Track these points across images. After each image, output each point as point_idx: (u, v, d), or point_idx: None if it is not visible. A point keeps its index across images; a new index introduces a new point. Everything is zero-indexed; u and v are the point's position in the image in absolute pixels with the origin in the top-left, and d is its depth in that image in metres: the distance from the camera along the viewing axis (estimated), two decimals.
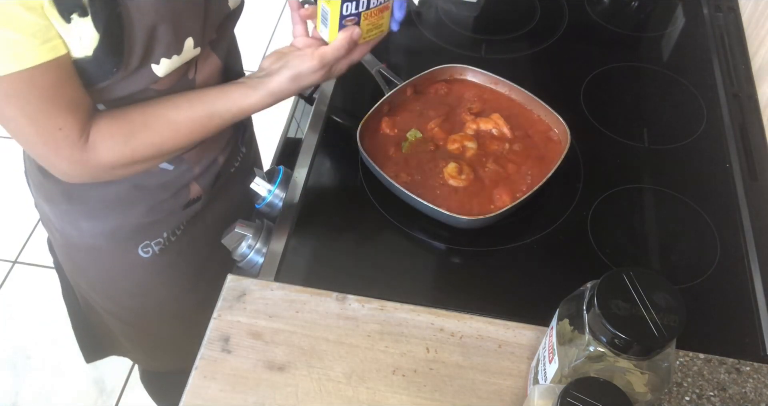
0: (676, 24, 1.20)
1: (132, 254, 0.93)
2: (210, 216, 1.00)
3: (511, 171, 0.91)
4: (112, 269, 0.98)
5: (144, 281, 1.00)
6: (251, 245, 0.88)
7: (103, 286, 1.03)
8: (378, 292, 0.81)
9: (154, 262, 0.96)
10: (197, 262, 1.02)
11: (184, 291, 1.04)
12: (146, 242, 0.93)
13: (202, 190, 0.94)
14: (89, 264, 0.98)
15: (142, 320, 1.10)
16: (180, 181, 0.90)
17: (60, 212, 0.90)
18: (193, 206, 0.94)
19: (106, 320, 1.14)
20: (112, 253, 0.94)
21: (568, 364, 0.60)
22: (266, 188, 0.93)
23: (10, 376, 1.76)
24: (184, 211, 0.94)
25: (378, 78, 1.01)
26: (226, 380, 0.74)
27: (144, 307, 1.06)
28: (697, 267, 0.86)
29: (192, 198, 0.93)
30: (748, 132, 1.01)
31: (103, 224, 0.90)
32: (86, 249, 0.95)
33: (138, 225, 0.91)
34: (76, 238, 0.93)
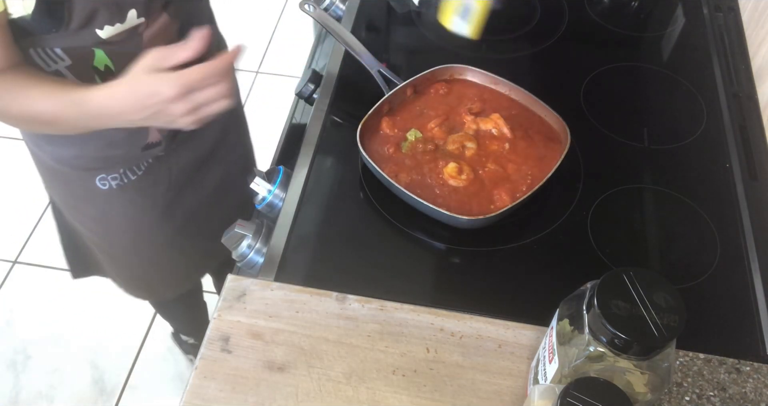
0: (676, 24, 1.20)
1: (90, 183, 0.98)
2: (176, 163, 1.04)
3: (511, 171, 0.91)
4: (75, 194, 1.03)
5: (105, 210, 1.04)
6: (251, 245, 0.88)
7: (71, 209, 1.09)
8: (378, 292, 0.81)
9: (113, 195, 1.00)
10: (160, 204, 1.06)
11: (147, 229, 1.09)
12: (103, 175, 0.97)
13: (161, 136, 0.96)
14: (57, 185, 1.05)
15: (110, 246, 1.15)
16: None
17: (29, 135, 0.98)
18: (152, 150, 0.97)
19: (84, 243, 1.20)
20: (73, 179, 1.00)
21: (568, 364, 0.60)
22: (266, 188, 0.93)
23: (10, 376, 1.76)
24: (142, 152, 0.96)
25: (378, 78, 1.01)
26: (226, 380, 0.74)
27: (109, 234, 1.11)
28: (697, 267, 0.86)
29: (150, 142, 0.96)
30: (748, 132, 1.01)
31: (62, 151, 0.95)
32: (52, 171, 1.01)
33: (95, 158, 0.95)
34: (43, 160, 1.00)
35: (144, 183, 1.01)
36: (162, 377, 1.78)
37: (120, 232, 1.10)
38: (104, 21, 0.77)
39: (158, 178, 1.03)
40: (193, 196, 1.12)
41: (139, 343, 1.83)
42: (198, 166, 1.08)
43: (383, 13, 1.23)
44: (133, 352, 1.81)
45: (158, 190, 1.04)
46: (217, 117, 0.95)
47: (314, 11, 1.05)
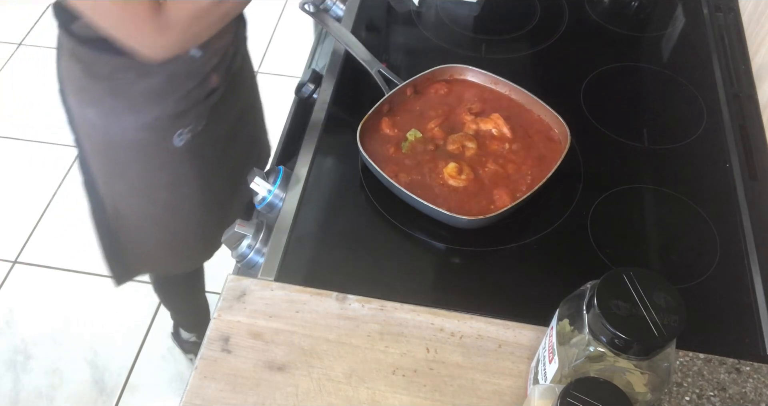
0: (676, 24, 1.20)
1: (168, 143, 1.04)
2: (223, 110, 1.10)
3: (511, 171, 0.91)
4: (152, 162, 1.08)
5: (178, 170, 1.10)
6: (251, 245, 0.88)
7: (143, 182, 1.12)
8: (378, 292, 0.81)
9: (186, 151, 1.06)
10: (218, 152, 1.14)
11: (210, 179, 1.15)
12: (180, 130, 1.03)
13: (219, 79, 1.04)
14: (131, 161, 1.08)
15: (175, 214, 1.19)
16: (203, 70, 1.00)
17: (105, 111, 1.00)
18: (212, 96, 1.04)
19: (136, 229, 1.22)
20: (152, 144, 1.04)
21: (568, 364, 0.60)
22: (266, 188, 0.93)
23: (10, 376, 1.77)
24: (205, 101, 1.03)
25: (378, 78, 1.01)
26: (226, 380, 0.74)
27: (178, 199, 1.16)
28: (697, 267, 0.86)
29: (212, 87, 1.03)
30: (748, 132, 1.01)
31: (144, 116, 1.00)
32: (128, 144, 1.04)
33: (172, 114, 1.01)
34: (120, 134, 1.03)
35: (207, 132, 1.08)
36: (162, 377, 1.78)
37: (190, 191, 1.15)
38: None
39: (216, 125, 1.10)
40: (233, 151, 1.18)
41: (139, 343, 1.83)
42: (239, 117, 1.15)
43: (383, 13, 1.23)
44: (133, 352, 1.81)
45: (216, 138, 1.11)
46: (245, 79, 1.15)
47: (314, 11, 1.05)
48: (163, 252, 1.29)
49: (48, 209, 2.12)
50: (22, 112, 2.39)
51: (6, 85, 2.50)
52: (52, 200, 2.14)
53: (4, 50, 2.62)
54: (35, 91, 2.47)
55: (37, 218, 2.10)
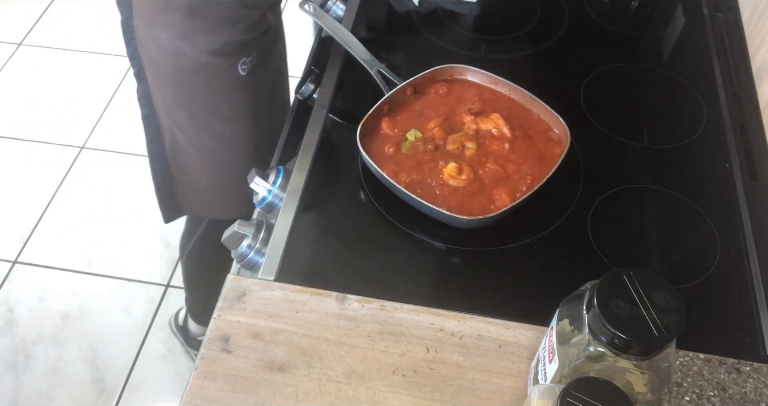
0: (676, 24, 1.20)
1: (234, 71, 1.11)
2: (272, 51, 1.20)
3: (511, 171, 0.91)
4: (217, 89, 1.14)
5: (238, 101, 1.17)
6: (251, 245, 0.88)
7: (205, 112, 1.17)
8: (378, 292, 0.81)
9: (247, 81, 1.14)
10: (267, 90, 1.22)
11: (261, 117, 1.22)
12: (244, 59, 1.11)
13: (273, 18, 1.14)
14: (197, 87, 1.14)
15: (231, 150, 1.24)
16: (263, 5, 1.10)
17: (178, 34, 1.07)
18: (267, 35, 1.14)
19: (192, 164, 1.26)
20: (220, 71, 1.11)
21: (568, 364, 0.60)
22: (266, 188, 0.93)
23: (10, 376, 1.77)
24: (263, 36, 1.13)
25: (378, 78, 1.01)
26: (226, 380, 0.74)
27: (235, 133, 1.21)
28: (697, 267, 0.86)
29: (269, 25, 1.13)
30: (748, 132, 1.01)
31: (216, 39, 1.07)
32: (197, 69, 1.11)
33: (240, 42, 1.09)
34: (191, 58, 1.09)
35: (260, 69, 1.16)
36: (162, 377, 1.78)
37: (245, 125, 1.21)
38: None
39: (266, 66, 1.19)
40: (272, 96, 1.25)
41: (139, 343, 1.83)
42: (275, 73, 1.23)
43: (383, 13, 1.23)
44: (133, 352, 1.82)
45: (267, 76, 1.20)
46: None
47: (314, 11, 1.05)
48: (214, 191, 1.32)
49: (48, 209, 2.12)
50: (22, 112, 2.39)
51: (6, 85, 2.51)
52: (52, 200, 2.14)
53: (4, 50, 2.62)
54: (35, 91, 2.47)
55: (37, 218, 2.10)
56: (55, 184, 2.18)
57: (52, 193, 2.16)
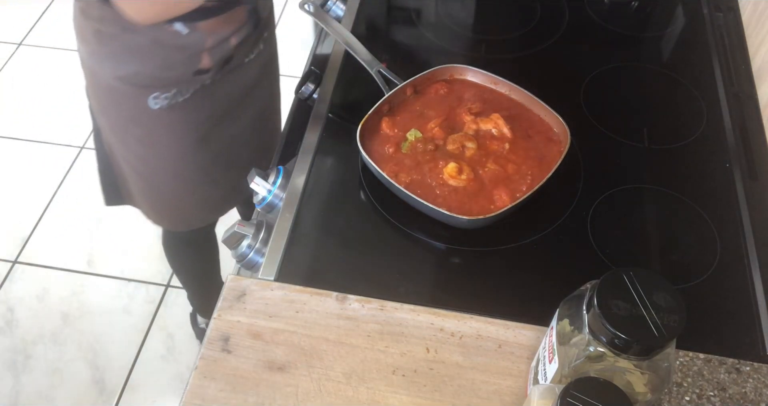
0: (676, 24, 1.20)
1: (143, 100, 1.06)
2: (220, 93, 1.11)
3: (511, 171, 0.91)
4: (127, 112, 1.10)
5: (152, 129, 1.12)
6: (251, 245, 0.88)
7: (119, 129, 1.15)
8: (378, 292, 0.81)
9: (161, 115, 1.08)
10: (201, 130, 1.14)
11: (186, 153, 1.16)
12: (156, 94, 1.05)
13: (213, 63, 1.05)
14: (109, 104, 1.12)
15: (150, 171, 1.22)
16: (192, 47, 1.01)
17: (90, 51, 1.05)
18: (202, 76, 1.06)
19: (120, 165, 1.25)
20: (127, 96, 1.07)
21: (568, 364, 0.60)
22: (266, 188, 0.93)
23: (10, 376, 1.77)
24: (194, 77, 1.05)
25: (378, 78, 1.01)
26: (226, 380, 0.74)
27: (151, 157, 1.18)
28: (697, 267, 0.86)
29: (202, 68, 1.05)
30: (748, 132, 1.01)
31: (123, 67, 1.03)
32: (107, 88, 1.08)
33: (151, 76, 1.04)
34: (100, 76, 1.07)
35: (189, 107, 1.09)
36: (162, 377, 1.78)
37: (161, 154, 1.17)
38: None
39: (202, 105, 1.11)
40: (230, 128, 1.19)
41: (139, 343, 1.83)
42: (239, 100, 1.16)
43: (383, 13, 1.23)
44: (133, 352, 1.81)
45: (201, 116, 1.12)
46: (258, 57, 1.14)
47: (314, 11, 1.05)
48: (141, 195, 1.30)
49: (48, 209, 2.12)
50: (22, 112, 2.39)
51: (6, 85, 2.51)
52: (52, 200, 2.14)
53: (4, 50, 2.62)
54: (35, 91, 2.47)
55: (37, 218, 2.10)
56: (55, 184, 2.18)
57: (52, 193, 2.16)
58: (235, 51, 1.07)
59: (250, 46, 1.11)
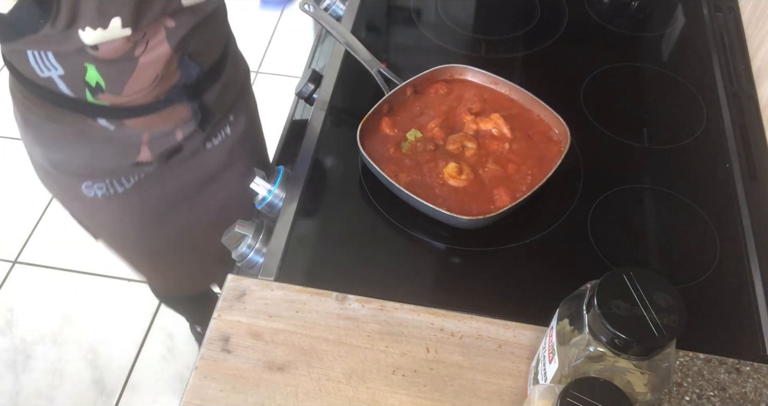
0: (676, 24, 1.20)
1: (76, 188, 1.00)
2: (170, 182, 1.03)
3: (511, 171, 0.91)
4: (63, 194, 1.06)
5: (91, 213, 1.07)
6: (251, 245, 0.88)
7: (62, 203, 1.10)
8: (378, 292, 0.81)
9: (98, 202, 1.01)
10: (148, 218, 1.07)
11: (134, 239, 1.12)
12: (88, 183, 0.98)
13: (154, 156, 0.97)
14: (48, 184, 1.06)
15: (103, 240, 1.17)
16: (126, 142, 0.94)
17: (22, 133, 0.99)
18: (143, 168, 0.98)
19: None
20: (60, 181, 1.02)
21: (568, 364, 0.60)
22: (266, 188, 0.93)
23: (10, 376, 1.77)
24: (133, 168, 0.98)
25: (378, 78, 1.01)
26: (226, 380, 0.74)
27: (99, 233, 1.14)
28: (697, 267, 0.86)
29: (141, 161, 0.97)
30: (748, 132, 1.01)
31: (50, 153, 0.97)
32: (41, 168, 1.03)
33: (81, 165, 0.97)
34: (33, 157, 1.03)
35: (132, 197, 1.02)
36: (162, 377, 1.78)
37: (107, 235, 1.13)
38: (86, 21, 0.75)
39: (147, 195, 1.03)
40: (190, 215, 1.11)
41: (139, 343, 1.83)
42: (199, 187, 1.08)
43: (383, 13, 1.23)
44: (133, 352, 1.82)
45: (146, 205, 1.05)
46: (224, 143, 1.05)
47: (314, 11, 1.05)
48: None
49: (48, 209, 2.12)
50: None
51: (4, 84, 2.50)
52: (52, 200, 2.14)
53: None
54: None
55: (37, 218, 2.10)
56: None
57: None
58: (184, 143, 0.99)
59: (207, 136, 1.02)
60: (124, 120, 0.91)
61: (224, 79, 0.98)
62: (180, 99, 0.92)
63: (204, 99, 0.96)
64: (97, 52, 0.79)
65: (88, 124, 0.90)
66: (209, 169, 1.07)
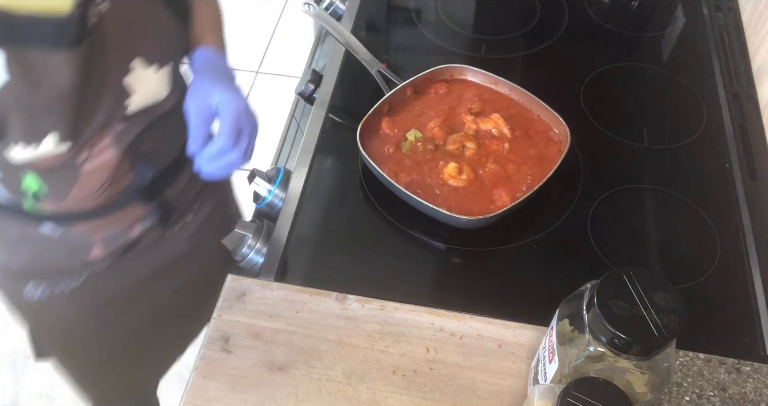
0: (676, 24, 1.20)
1: (18, 292, 0.91)
2: (126, 275, 0.95)
3: (511, 171, 0.91)
4: (6, 295, 0.96)
5: (37, 320, 0.98)
6: (251, 245, 0.88)
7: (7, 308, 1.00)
8: (378, 292, 0.81)
9: (42, 306, 0.92)
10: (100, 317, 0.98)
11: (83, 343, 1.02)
12: (32, 285, 0.90)
13: (107, 253, 0.89)
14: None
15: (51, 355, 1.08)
16: (75, 242, 0.86)
17: None
18: (95, 265, 0.90)
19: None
20: (3, 285, 0.93)
21: (568, 364, 0.60)
22: (266, 188, 0.93)
23: (10, 376, 1.77)
24: (83, 267, 0.90)
25: (378, 78, 1.01)
26: (226, 380, 0.74)
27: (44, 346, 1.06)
28: (697, 267, 0.86)
29: (92, 260, 0.89)
30: (748, 132, 1.01)
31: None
32: None
33: (24, 266, 0.88)
34: None
35: (81, 295, 0.93)
36: None
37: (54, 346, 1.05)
38: (16, 137, 0.66)
39: (98, 293, 0.94)
40: (148, 307, 1.03)
41: None
42: (157, 277, 0.99)
43: (383, 13, 1.23)
44: None
45: (98, 303, 0.96)
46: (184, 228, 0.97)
47: (314, 11, 1.05)
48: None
49: None
50: None
51: None
52: None
53: None
54: None
55: None
56: None
57: None
58: (142, 237, 0.91)
59: (167, 226, 0.94)
60: (72, 225, 0.83)
61: (188, 172, 0.90)
62: (134, 201, 0.85)
63: (165, 197, 0.89)
64: (33, 163, 0.71)
65: (31, 229, 0.83)
66: (170, 256, 0.98)
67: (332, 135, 1.01)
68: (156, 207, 0.88)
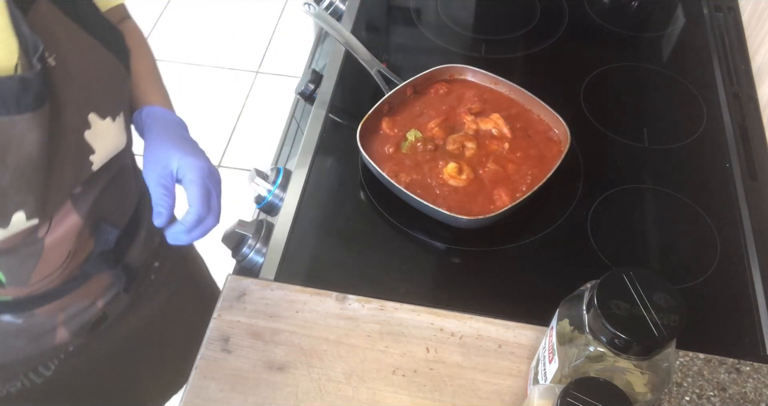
0: (676, 24, 1.20)
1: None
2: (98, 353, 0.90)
3: (511, 171, 0.91)
4: None
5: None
6: (251, 245, 0.88)
7: None
8: (378, 292, 0.81)
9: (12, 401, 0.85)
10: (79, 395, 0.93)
11: None
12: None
13: (72, 335, 0.83)
14: None
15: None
16: (38, 330, 0.80)
17: None
18: (62, 349, 0.85)
19: None
20: None
21: (568, 364, 0.60)
22: (266, 188, 0.93)
23: None
24: (49, 353, 0.84)
25: (378, 78, 1.01)
26: (226, 380, 0.74)
27: None
28: (697, 267, 0.86)
29: (58, 344, 0.83)
30: (748, 132, 1.01)
31: None
32: None
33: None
34: None
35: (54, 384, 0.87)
36: None
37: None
38: None
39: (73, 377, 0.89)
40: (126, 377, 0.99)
41: None
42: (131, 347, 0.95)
43: (383, 13, 1.23)
44: None
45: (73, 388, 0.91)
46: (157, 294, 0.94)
47: (314, 11, 1.05)
48: None
49: None
50: None
51: None
52: None
53: None
54: None
55: None
56: None
57: None
58: (107, 309, 0.86)
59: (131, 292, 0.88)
60: (34, 310, 0.77)
61: (145, 228, 0.86)
62: (97, 270, 0.79)
63: (127, 260, 0.84)
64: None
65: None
66: (141, 323, 0.94)
67: (332, 135, 1.01)
68: (120, 272, 0.83)
